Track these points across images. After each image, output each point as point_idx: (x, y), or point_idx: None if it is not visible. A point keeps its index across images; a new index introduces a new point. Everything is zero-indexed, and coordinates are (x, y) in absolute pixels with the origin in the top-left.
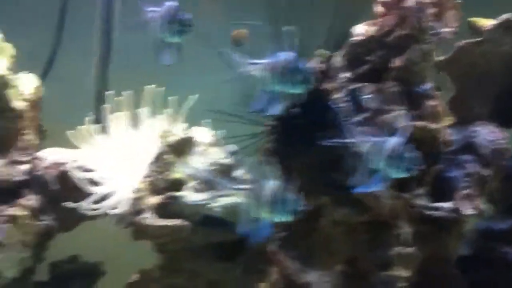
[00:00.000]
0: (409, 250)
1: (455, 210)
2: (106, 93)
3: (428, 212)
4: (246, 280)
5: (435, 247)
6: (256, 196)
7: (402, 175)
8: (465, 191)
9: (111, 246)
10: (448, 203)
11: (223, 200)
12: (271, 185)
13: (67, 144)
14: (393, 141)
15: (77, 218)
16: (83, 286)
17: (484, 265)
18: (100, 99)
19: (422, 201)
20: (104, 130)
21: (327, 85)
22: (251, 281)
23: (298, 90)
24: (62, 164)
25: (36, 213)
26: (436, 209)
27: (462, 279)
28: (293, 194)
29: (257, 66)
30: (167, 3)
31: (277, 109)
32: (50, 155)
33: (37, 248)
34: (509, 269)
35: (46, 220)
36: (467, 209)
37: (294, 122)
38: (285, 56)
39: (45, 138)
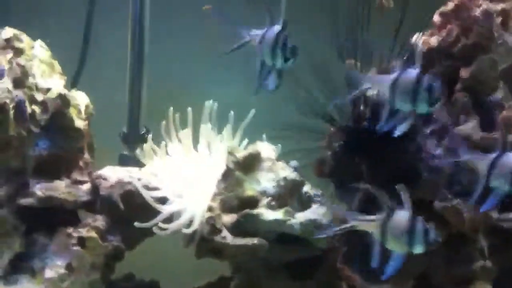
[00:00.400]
0: (489, 264)
1: None
2: (164, 108)
3: (502, 224)
4: None
5: (507, 260)
6: (387, 227)
7: None
8: None
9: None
10: None
11: (300, 217)
12: (402, 215)
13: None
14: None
15: (141, 237)
16: None
17: None
18: (133, 112)
19: (496, 214)
20: (164, 147)
21: None
22: None
23: (423, 109)
24: (127, 183)
25: (103, 234)
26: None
27: None
28: (426, 223)
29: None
30: (273, 28)
31: (405, 127)
32: (113, 174)
33: (106, 270)
34: None
35: (114, 241)
36: None
37: (365, 132)
38: (411, 71)
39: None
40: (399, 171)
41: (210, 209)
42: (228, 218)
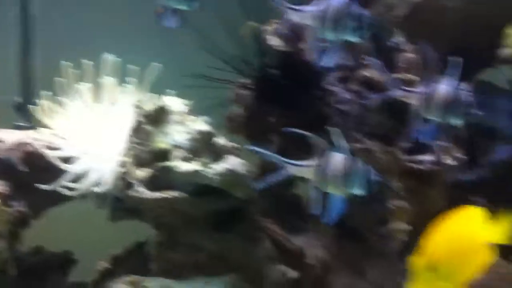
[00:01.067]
0: (403, 203)
1: (437, 162)
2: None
3: (412, 165)
4: (245, 249)
5: (421, 201)
6: (325, 171)
7: (459, 122)
8: (443, 143)
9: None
10: (429, 155)
11: (217, 168)
12: (339, 157)
13: None
14: (443, 88)
15: (50, 202)
16: (57, 279)
17: None
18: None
19: (406, 155)
20: (63, 104)
21: (302, 46)
22: (249, 250)
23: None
24: (27, 144)
25: (5, 199)
26: (420, 162)
27: None
28: (364, 164)
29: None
30: None
31: (332, 60)
32: (10, 136)
33: (11, 238)
34: None
35: (18, 207)
36: (448, 160)
37: (274, 82)
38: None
39: None
40: (308, 118)
41: (122, 164)
42: (142, 173)
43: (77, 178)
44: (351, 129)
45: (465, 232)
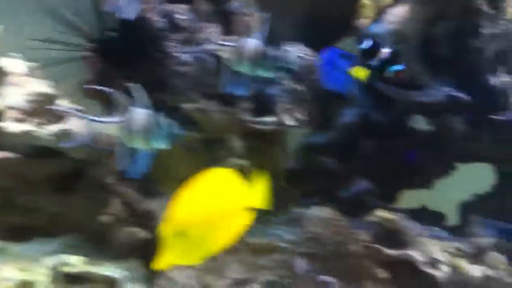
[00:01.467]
0: (242, 161)
1: (279, 123)
2: None
3: (254, 126)
4: (87, 211)
5: (264, 160)
6: (129, 126)
7: (270, 75)
8: (285, 105)
9: None
10: (271, 117)
11: (51, 129)
12: (142, 113)
13: None
14: (252, 42)
15: None
16: None
17: (310, 176)
18: None
19: (248, 116)
20: None
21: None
22: (93, 212)
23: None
24: None
25: None
26: (262, 123)
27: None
28: (167, 119)
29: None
30: None
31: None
32: None
33: None
34: (329, 178)
35: None
36: (289, 121)
37: (115, 44)
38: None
39: None
40: (148, 79)
41: None
42: None
43: None
44: (190, 90)
45: (215, 195)
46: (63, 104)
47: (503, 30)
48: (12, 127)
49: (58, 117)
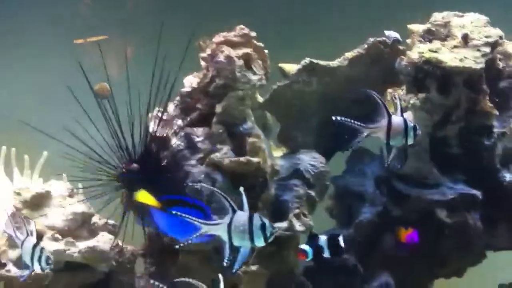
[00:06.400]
0: (254, 268)
1: (289, 228)
2: None
3: None
4: None
5: (278, 264)
6: (233, 227)
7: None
8: (296, 211)
9: None
10: (283, 222)
11: (80, 246)
12: (242, 214)
13: None
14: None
15: None
16: None
17: (328, 272)
18: None
19: None
20: None
21: (165, 132)
22: None
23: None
24: None
25: None
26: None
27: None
28: (264, 218)
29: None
30: None
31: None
32: None
33: None
34: (349, 274)
35: None
36: (299, 226)
37: (136, 174)
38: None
39: None
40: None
41: None
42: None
43: None
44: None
45: None
46: (97, 220)
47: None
48: (49, 246)
49: (90, 233)
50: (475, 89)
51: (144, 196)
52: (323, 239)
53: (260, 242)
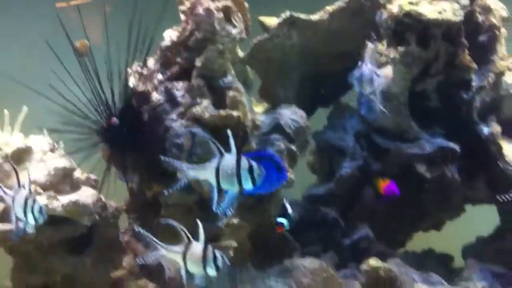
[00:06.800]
0: (236, 221)
1: None
2: None
3: None
4: (99, 270)
5: (259, 217)
6: (221, 170)
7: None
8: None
9: None
10: None
11: (63, 200)
12: (230, 157)
13: None
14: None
15: None
16: None
17: (310, 225)
18: None
19: None
20: None
21: (146, 86)
22: (105, 270)
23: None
24: None
25: None
26: None
27: (294, 240)
28: (252, 161)
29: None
30: None
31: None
32: None
33: None
34: (330, 227)
35: None
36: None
37: (117, 129)
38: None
39: None
40: (153, 152)
41: None
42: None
43: None
44: (184, 159)
45: None
46: (79, 175)
47: (490, 82)
48: None
49: (72, 187)
50: (454, 42)
51: None
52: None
53: (248, 185)
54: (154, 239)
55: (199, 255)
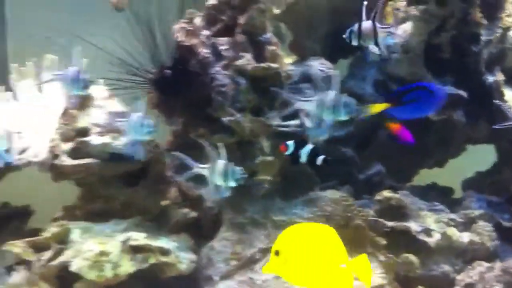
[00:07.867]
0: (270, 158)
1: (301, 125)
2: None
3: (280, 129)
4: (151, 199)
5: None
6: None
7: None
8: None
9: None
10: (295, 120)
11: (123, 140)
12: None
13: None
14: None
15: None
16: (18, 225)
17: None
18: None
19: (275, 121)
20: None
21: (193, 41)
22: (155, 199)
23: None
24: None
25: None
26: (287, 126)
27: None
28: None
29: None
30: None
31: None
32: None
33: None
34: (347, 164)
35: None
36: (308, 123)
37: (169, 76)
38: None
39: None
40: (200, 99)
41: (51, 140)
42: (67, 146)
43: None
44: (228, 105)
45: (311, 242)
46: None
47: (497, 37)
48: (95, 140)
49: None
50: (467, 1)
51: (376, 107)
52: (308, 148)
53: (343, 117)
54: (189, 158)
55: (223, 170)
